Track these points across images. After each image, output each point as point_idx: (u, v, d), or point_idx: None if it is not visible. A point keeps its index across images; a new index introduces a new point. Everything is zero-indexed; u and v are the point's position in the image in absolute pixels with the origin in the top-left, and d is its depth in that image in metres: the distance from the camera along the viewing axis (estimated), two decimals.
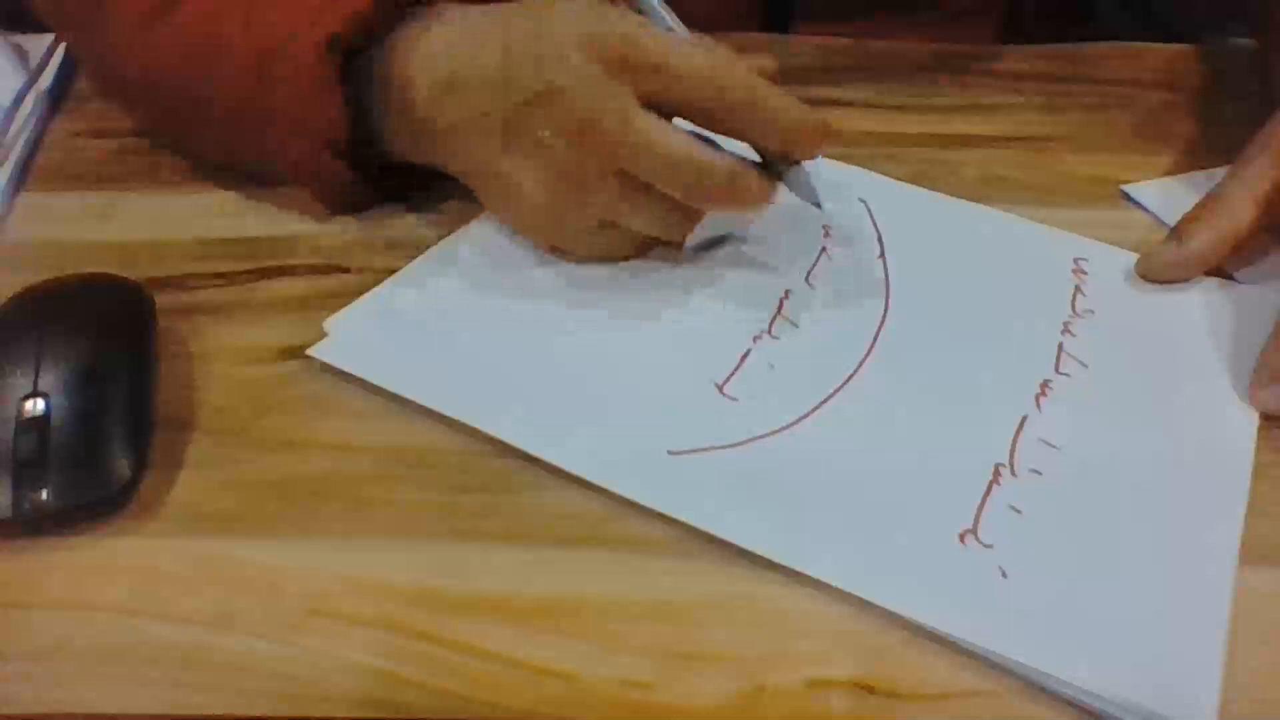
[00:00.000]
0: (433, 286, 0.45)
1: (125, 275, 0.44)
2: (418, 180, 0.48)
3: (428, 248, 0.47)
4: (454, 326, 0.43)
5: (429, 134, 0.44)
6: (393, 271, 0.46)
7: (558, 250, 0.46)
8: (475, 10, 0.44)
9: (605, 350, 0.43)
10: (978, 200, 0.50)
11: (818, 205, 0.43)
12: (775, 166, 0.43)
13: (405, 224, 0.49)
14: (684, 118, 0.41)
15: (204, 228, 0.49)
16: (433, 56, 0.43)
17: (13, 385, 0.38)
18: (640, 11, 0.42)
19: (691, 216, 0.44)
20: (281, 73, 0.44)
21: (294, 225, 0.49)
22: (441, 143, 0.44)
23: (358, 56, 0.45)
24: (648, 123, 0.40)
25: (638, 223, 0.44)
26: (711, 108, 0.41)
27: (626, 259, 0.46)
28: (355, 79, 0.45)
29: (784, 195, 0.43)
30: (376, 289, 0.45)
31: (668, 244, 0.46)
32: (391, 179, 0.48)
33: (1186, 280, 0.46)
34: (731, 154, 0.42)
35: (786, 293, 0.45)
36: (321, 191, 0.48)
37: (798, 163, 0.43)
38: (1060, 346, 0.43)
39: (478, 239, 0.47)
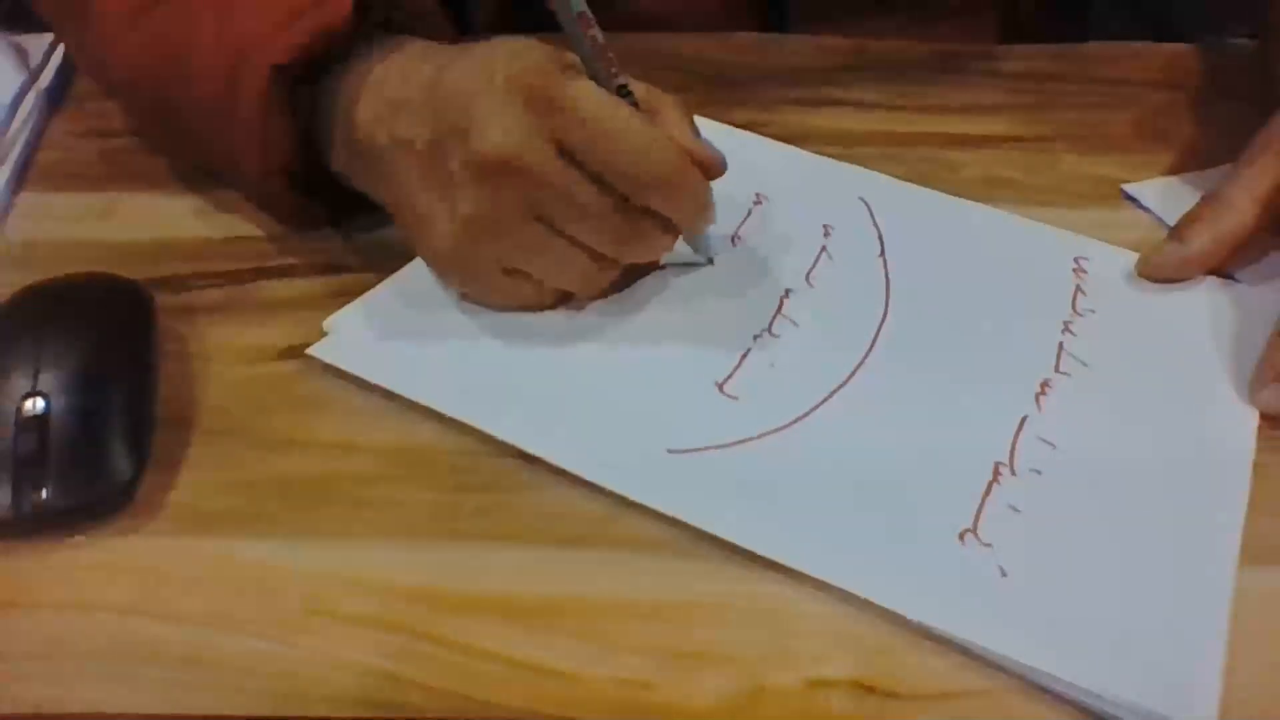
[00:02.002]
0: (432, 286, 0.45)
1: (125, 275, 0.44)
2: (367, 203, 0.46)
3: None
4: (453, 326, 0.43)
5: (364, 157, 0.43)
6: (392, 271, 0.46)
7: (469, 296, 0.44)
8: (435, 44, 0.43)
9: (605, 349, 0.43)
10: (978, 200, 0.50)
11: (709, 260, 0.46)
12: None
13: None
14: (595, 172, 0.39)
15: (204, 228, 0.49)
16: (381, 82, 0.42)
17: (13, 385, 0.38)
18: (581, 55, 0.40)
19: (605, 268, 0.42)
20: (240, 90, 0.42)
21: None
22: (372, 166, 0.43)
23: (322, 75, 0.43)
24: (563, 167, 0.38)
25: (550, 272, 0.42)
26: (629, 172, 0.39)
27: (540, 309, 0.43)
28: (313, 99, 0.44)
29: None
30: (376, 289, 0.45)
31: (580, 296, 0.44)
32: (343, 201, 0.46)
33: (1187, 280, 0.46)
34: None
35: (786, 292, 0.45)
36: (273, 210, 0.48)
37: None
38: (1060, 346, 0.43)
39: None
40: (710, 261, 0.46)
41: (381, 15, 0.44)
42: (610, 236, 0.41)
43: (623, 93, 0.40)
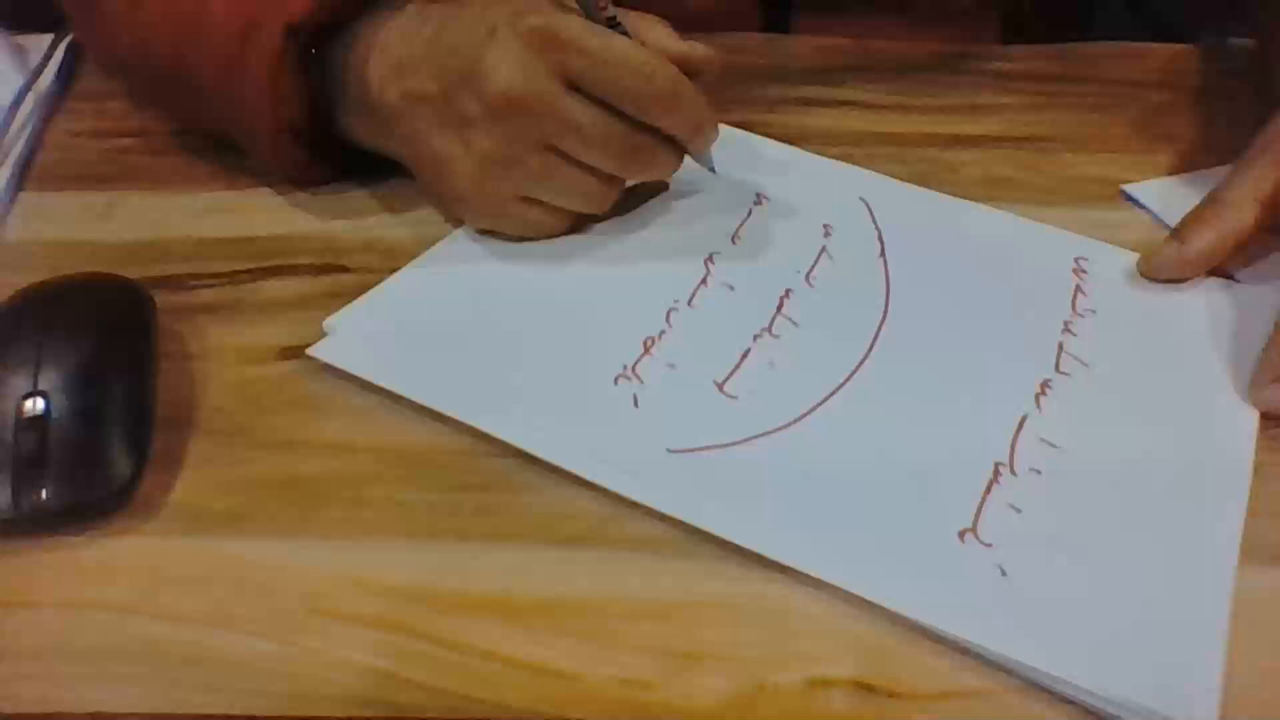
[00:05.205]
0: (432, 286, 0.45)
1: (125, 275, 0.44)
2: (376, 161, 0.49)
3: (427, 247, 0.47)
4: (453, 326, 0.43)
5: (377, 115, 0.46)
6: (392, 271, 0.46)
7: (488, 230, 0.47)
8: (432, 5, 0.46)
9: (605, 350, 0.43)
10: (978, 200, 0.50)
11: (712, 169, 0.48)
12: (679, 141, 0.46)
13: (405, 224, 0.49)
14: (605, 99, 0.42)
15: (204, 228, 0.49)
16: (385, 44, 0.45)
17: (13, 385, 0.38)
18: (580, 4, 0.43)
19: (612, 187, 0.46)
20: (252, 51, 0.45)
21: (294, 225, 0.49)
22: (386, 123, 0.46)
23: (331, 40, 0.46)
24: (571, 98, 0.42)
25: (561, 197, 0.45)
26: (633, 93, 0.42)
27: (554, 235, 0.47)
28: (323, 62, 0.46)
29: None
30: (376, 289, 0.45)
31: (590, 216, 0.47)
32: (351, 160, 0.50)
33: (1187, 280, 0.46)
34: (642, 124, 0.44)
35: (787, 292, 0.45)
36: (283, 169, 0.50)
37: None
38: (1060, 346, 0.43)
39: (477, 238, 0.47)
40: (713, 170, 0.48)
41: None
42: (617, 157, 0.44)
43: (613, 24, 0.43)
